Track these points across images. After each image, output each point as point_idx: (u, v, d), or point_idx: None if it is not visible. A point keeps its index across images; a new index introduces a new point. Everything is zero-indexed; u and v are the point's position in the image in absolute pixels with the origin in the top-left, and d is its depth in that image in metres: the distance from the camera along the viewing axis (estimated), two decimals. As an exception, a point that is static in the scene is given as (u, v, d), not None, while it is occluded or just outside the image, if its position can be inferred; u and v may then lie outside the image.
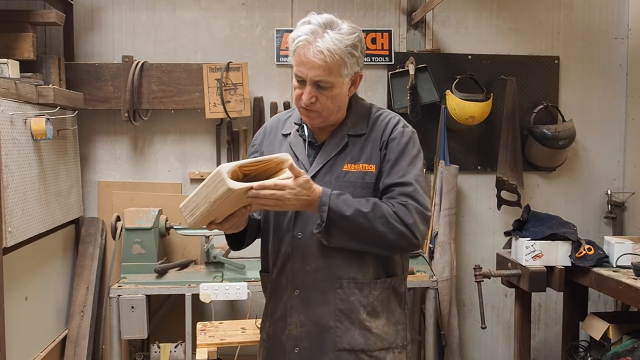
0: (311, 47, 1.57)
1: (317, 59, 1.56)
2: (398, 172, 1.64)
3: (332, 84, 1.61)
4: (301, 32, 1.59)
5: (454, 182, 3.44)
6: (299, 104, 1.66)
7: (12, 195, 2.49)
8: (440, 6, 3.42)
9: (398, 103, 3.45)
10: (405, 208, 1.58)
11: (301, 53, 1.59)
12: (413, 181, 1.62)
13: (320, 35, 1.57)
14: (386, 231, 1.55)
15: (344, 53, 1.58)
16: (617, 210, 3.69)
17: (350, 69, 1.62)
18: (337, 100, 1.65)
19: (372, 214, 1.55)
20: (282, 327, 1.72)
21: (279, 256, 1.72)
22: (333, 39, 1.56)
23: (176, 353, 3.13)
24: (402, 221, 1.57)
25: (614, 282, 2.57)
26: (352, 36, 1.59)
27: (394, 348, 1.72)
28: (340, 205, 1.55)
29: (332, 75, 1.59)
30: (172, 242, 3.44)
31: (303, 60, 1.59)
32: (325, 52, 1.55)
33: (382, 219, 1.55)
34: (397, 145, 1.67)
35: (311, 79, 1.60)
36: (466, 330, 3.76)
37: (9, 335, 2.48)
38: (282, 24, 3.54)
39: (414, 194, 1.61)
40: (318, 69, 1.57)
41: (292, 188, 1.49)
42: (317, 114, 1.65)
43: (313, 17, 1.60)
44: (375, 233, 1.56)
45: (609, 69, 3.73)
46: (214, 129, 3.52)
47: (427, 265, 3.30)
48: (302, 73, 1.60)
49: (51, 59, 3.10)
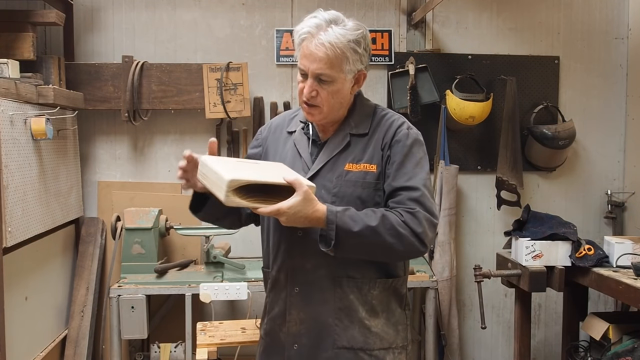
0: (314, 39, 1.58)
1: (319, 51, 1.57)
2: (404, 175, 1.63)
3: (333, 79, 1.61)
4: (305, 25, 1.61)
5: (454, 182, 3.44)
6: (301, 99, 1.67)
7: (12, 195, 2.49)
8: (440, 6, 3.43)
9: (398, 103, 3.45)
10: (413, 216, 1.57)
11: (304, 46, 1.61)
12: (421, 186, 1.61)
13: (324, 29, 1.59)
14: (395, 242, 1.55)
15: (346, 47, 1.59)
16: (617, 210, 3.69)
17: (353, 65, 1.62)
18: (337, 96, 1.65)
19: (381, 226, 1.54)
20: (280, 323, 1.72)
21: (279, 253, 1.72)
22: (336, 33, 1.58)
23: (176, 353, 3.13)
24: (412, 230, 1.56)
25: (614, 282, 2.57)
26: (356, 32, 1.61)
27: (394, 348, 1.72)
28: (347, 222, 1.54)
29: (334, 70, 1.60)
30: (172, 242, 3.44)
31: (305, 52, 1.60)
32: (326, 44, 1.57)
33: (391, 231, 1.54)
34: (402, 147, 1.66)
35: (312, 72, 1.60)
36: (466, 330, 3.76)
37: (9, 335, 2.48)
38: (282, 24, 3.54)
39: (421, 199, 1.60)
40: (319, 61, 1.58)
41: (288, 209, 1.48)
42: (318, 109, 1.65)
43: (320, 13, 1.62)
44: (385, 245, 1.55)
45: (609, 69, 3.73)
46: (214, 129, 3.52)
47: (427, 265, 3.30)
48: (304, 66, 1.62)
49: (51, 59, 3.10)
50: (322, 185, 1.65)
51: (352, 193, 1.62)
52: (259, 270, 3.09)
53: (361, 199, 1.64)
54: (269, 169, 1.61)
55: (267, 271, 1.79)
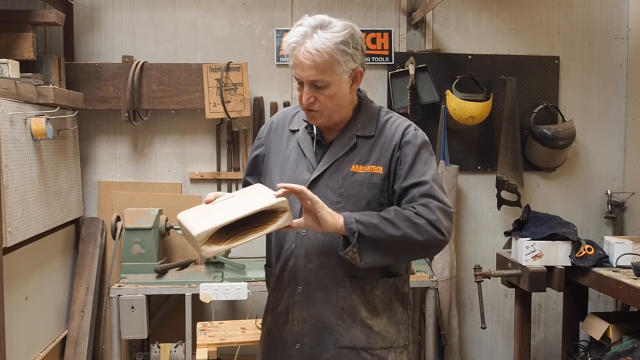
0: (301, 48, 1.58)
1: (306, 59, 1.58)
2: (415, 174, 1.64)
3: (328, 83, 1.61)
4: (292, 34, 1.61)
5: (454, 182, 3.44)
6: (301, 105, 1.68)
7: (12, 195, 2.49)
8: (440, 6, 3.43)
9: (398, 103, 3.45)
10: (425, 207, 1.58)
11: (294, 55, 1.61)
12: (429, 180, 1.62)
13: (309, 36, 1.58)
14: (413, 233, 1.55)
15: (334, 51, 1.58)
16: (617, 210, 3.69)
17: (346, 65, 1.61)
18: (336, 99, 1.64)
19: (396, 219, 1.55)
20: (283, 322, 1.72)
21: (282, 252, 1.72)
22: (322, 38, 1.57)
23: (176, 353, 3.13)
24: (426, 219, 1.56)
25: (614, 282, 2.57)
26: (342, 33, 1.59)
27: (396, 347, 1.72)
28: (365, 217, 1.55)
29: (326, 74, 1.59)
30: (172, 242, 3.44)
31: (296, 62, 1.61)
32: (312, 51, 1.56)
33: (407, 222, 1.55)
34: (412, 148, 1.67)
35: (306, 80, 1.61)
36: (466, 330, 3.76)
37: (9, 335, 2.48)
38: (282, 24, 3.54)
39: (431, 192, 1.60)
40: (309, 69, 1.58)
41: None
42: (319, 113, 1.65)
43: (305, 19, 1.62)
44: (405, 237, 1.54)
45: (609, 69, 3.73)
46: (214, 129, 3.52)
47: (427, 265, 3.30)
48: (298, 75, 1.62)
49: (51, 59, 3.10)
50: (328, 185, 1.66)
51: (358, 194, 1.63)
52: (259, 270, 3.11)
53: (367, 200, 1.64)
54: (247, 196, 1.59)
55: (270, 269, 1.79)
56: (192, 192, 3.52)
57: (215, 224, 1.44)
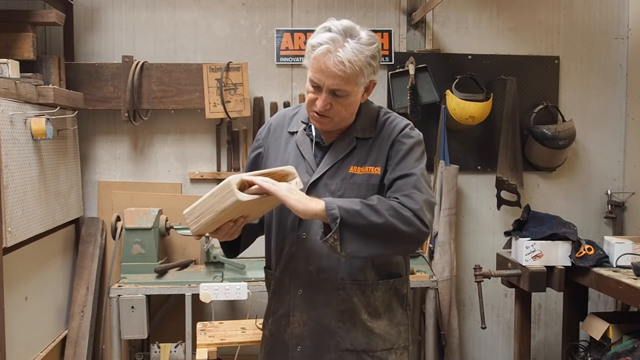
0: (332, 56, 1.54)
1: (337, 69, 1.54)
2: (404, 168, 1.64)
3: (348, 93, 1.60)
4: (322, 39, 1.56)
5: (454, 182, 3.44)
6: (312, 109, 1.65)
7: (12, 195, 2.49)
8: (440, 6, 3.42)
9: (398, 103, 3.45)
10: (409, 197, 1.57)
11: (320, 61, 1.56)
12: (417, 172, 1.63)
13: (340, 44, 1.55)
14: (397, 222, 1.51)
15: (363, 64, 1.57)
16: (617, 210, 3.69)
17: (367, 78, 1.62)
18: (350, 108, 1.65)
19: (379, 206, 1.52)
20: (284, 325, 1.73)
21: (282, 255, 1.72)
22: (354, 49, 1.55)
23: (176, 353, 3.13)
24: (409, 208, 1.54)
25: (614, 282, 2.57)
26: (371, 47, 1.59)
27: (396, 349, 1.73)
28: (347, 203, 1.52)
29: (350, 85, 1.58)
30: (172, 242, 3.44)
31: (322, 68, 1.56)
32: (346, 63, 1.53)
33: (390, 211, 1.52)
34: (404, 145, 1.67)
35: (328, 87, 1.58)
36: (466, 330, 3.76)
37: (9, 335, 2.48)
38: (282, 24, 3.54)
39: (416, 184, 1.60)
40: (337, 78, 1.56)
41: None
42: (329, 119, 1.64)
43: (333, 24, 1.58)
44: (387, 226, 1.51)
45: (609, 69, 3.73)
46: (214, 129, 3.52)
47: (427, 265, 3.30)
48: (319, 80, 1.59)
49: (51, 59, 3.10)
50: (327, 187, 1.66)
51: (357, 195, 1.62)
52: (259, 270, 3.11)
53: None
54: None
55: (270, 272, 1.79)
56: (192, 192, 3.53)
57: (245, 174, 1.52)
